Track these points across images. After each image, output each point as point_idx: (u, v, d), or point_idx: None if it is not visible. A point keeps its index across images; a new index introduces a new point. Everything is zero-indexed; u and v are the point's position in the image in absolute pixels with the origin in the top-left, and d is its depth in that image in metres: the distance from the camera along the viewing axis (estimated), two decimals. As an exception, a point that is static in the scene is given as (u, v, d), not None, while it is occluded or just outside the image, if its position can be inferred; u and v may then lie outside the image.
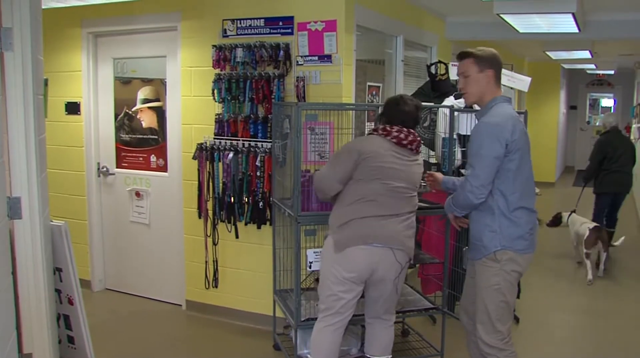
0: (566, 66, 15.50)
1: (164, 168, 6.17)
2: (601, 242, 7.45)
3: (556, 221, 8.23)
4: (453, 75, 5.82)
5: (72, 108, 6.47)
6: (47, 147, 3.72)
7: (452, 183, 3.93)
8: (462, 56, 3.78)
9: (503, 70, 5.70)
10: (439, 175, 4.17)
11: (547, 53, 11.04)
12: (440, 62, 6.30)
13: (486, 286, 3.70)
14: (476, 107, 3.91)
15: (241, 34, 5.41)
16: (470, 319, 3.94)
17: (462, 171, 5.43)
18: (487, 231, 3.67)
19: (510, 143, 3.54)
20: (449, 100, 5.59)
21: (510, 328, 3.77)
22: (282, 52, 5.16)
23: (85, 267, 6.54)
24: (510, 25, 7.07)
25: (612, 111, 18.46)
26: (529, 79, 6.60)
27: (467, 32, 7.94)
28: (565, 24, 6.68)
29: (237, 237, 5.58)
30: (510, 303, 3.75)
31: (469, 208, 3.73)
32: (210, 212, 5.64)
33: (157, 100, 6.15)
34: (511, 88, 6.34)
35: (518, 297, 5.72)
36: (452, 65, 5.85)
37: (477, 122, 3.77)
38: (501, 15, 6.38)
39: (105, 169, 6.50)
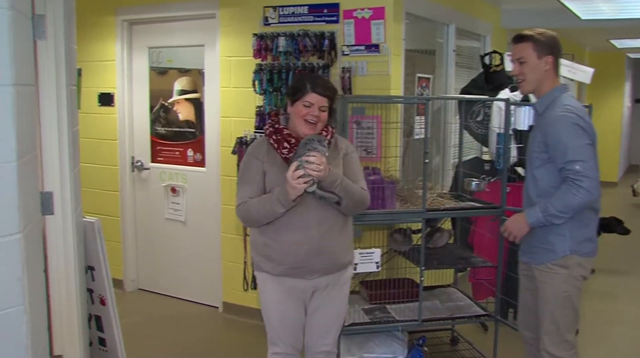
0: (632, 55, 15.22)
1: (201, 163, 6.20)
2: None
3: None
4: (509, 66, 5.74)
5: (106, 99, 6.55)
6: (80, 140, 3.75)
7: (544, 208, 3.54)
8: (518, 39, 3.67)
9: (563, 61, 5.67)
10: (517, 218, 3.74)
11: (611, 41, 10.85)
12: (495, 52, 6.23)
13: (554, 294, 3.61)
14: (532, 98, 3.83)
15: (283, 22, 5.40)
16: (533, 333, 3.85)
17: (518, 169, 5.37)
18: (555, 234, 3.57)
19: (591, 134, 3.48)
20: (505, 93, 5.53)
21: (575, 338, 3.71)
22: (326, 42, 5.15)
23: (117, 266, 6.61)
24: (571, 11, 6.97)
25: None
26: (591, 70, 6.49)
27: (524, 19, 7.82)
28: (634, 8, 6.55)
29: (277, 236, 5.58)
30: (578, 310, 3.68)
31: (581, 209, 3.53)
32: (249, 210, 5.64)
33: (195, 91, 6.18)
34: (571, 80, 6.24)
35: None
36: (508, 55, 5.76)
37: (539, 113, 3.67)
38: (561, 1, 6.29)
39: (139, 163, 6.57)
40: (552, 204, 3.49)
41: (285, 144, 3.46)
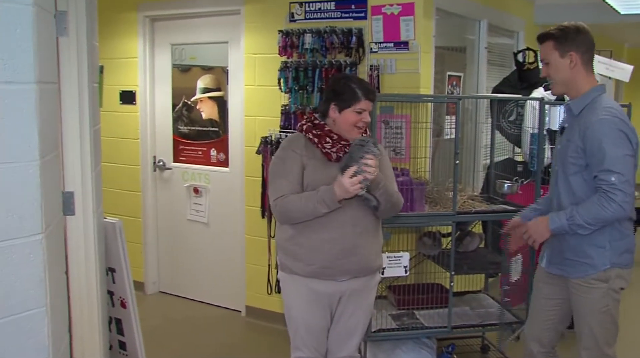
0: (673, 53, 15.06)
1: (224, 163, 6.23)
2: None
3: None
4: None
5: (128, 97, 6.60)
6: (102, 139, 3.78)
7: (570, 216, 3.40)
8: (541, 39, 3.56)
9: (600, 58, 5.62)
10: (540, 222, 3.58)
11: (652, 38, 10.75)
12: (528, 49, 6.21)
13: (593, 309, 3.50)
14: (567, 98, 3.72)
15: (310, 19, 5.42)
16: (544, 347, 3.78)
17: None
18: (593, 246, 3.45)
19: (635, 143, 3.34)
20: (539, 92, 5.50)
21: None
22: (354, 38, 5.15)
23: (138, 268, 6.64)
24: (610, 5, 6.90)
25: None
26: (630, 68, 6.43)
27: (559, 15, 7.71)
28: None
29: (302, 239, 5.59)
30: (617, 323, 3.58)
31: (609, 223, 3.41)
32: (273, 211, 5.67)
33: (218, 89, 6.21)
34: (609, 78, 6.19)
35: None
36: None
37: (574, 114, 3.51)
38: (600, -6, 6.24)
39: (161, 163, 6.61)
40: (580, 214, 3.36)
41: (328, 139, 3.50)
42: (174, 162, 6.57)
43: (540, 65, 3.66)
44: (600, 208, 3.29)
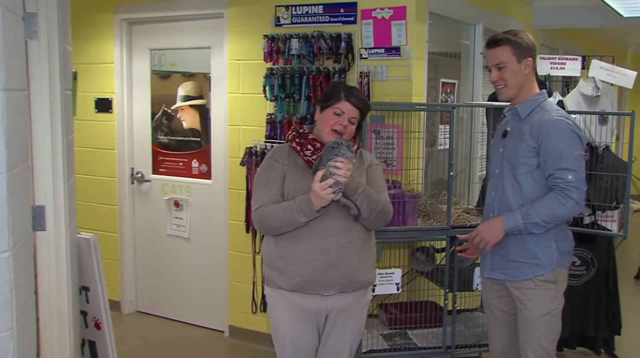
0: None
1: (207, 175, 6.22)
2: None
3: None
4: (543, 70, 5.72)
5: (104, 105, 6.56)
6: (75, 149, 3.76)
7: (526, 214, 3.52)
8: (494, 43, 3.69)
9: (602, 64, 5.67)
10: (493, 223, 3.68)
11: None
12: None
13: (542, 314, 3.60)
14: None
15: (297, 23, 5.42)
16: None
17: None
18: (540, 246, 3.59)
19: (584, 144, 3.58)
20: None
21: None
22: (343, 44, 5.15)
23: (114, 286, 6.60)
24: (612, 8, 6.92)
25: None
26: (634, 74, 6.44)
27: (558, 18, 7.82)
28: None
29: (288, 255, 5.57)
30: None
31: (564, 221, 3.65)
32: (258, 226, 5.65)
33: (200, 97, 6.21)
34: (611, 84, 6.20)
35: (619, 333, 5.61)
36: (541, 59, 5.75)
37: (521, 118, 3.68)
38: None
39: (140, 174, 6.59)
40: (536, 212, 3.50)
41: (309, 147, 3.53)
42: (153, 173, 6.54)
43: (547, 73, 3.81)
44: (558, 205, 3.47)
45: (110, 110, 6.53)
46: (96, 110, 6.60)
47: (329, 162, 3.26)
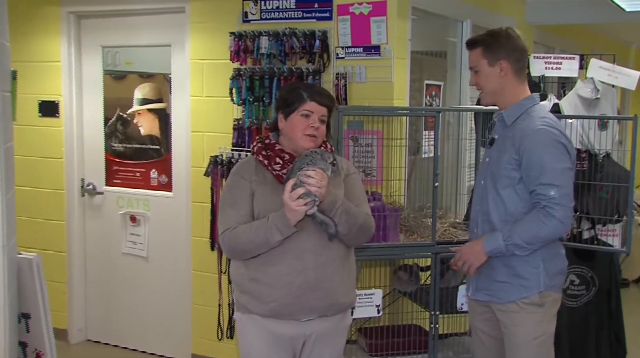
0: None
1: (167, 186, 6.24)
2: None
3: None
4: (537, 70, 5.80)
5: (49, 109, 6.51)
6: (16, 158, 3.68)
7: (508, 236, 3.58)
8: (469, 45, 3.79)
9: (601, 63, 5.70)
10: (474, 245, 3.78)
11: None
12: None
13: (528, 340, 3.64)
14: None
15: (266, 19, 5.46)
16: None
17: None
18: (526, 266, 3.62)
19: (573, 155, 3.59)
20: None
21: None
22: (317, 42, 5.20)
23: (61, 312, 6.54)
24: (613, 2, 6.93)
25: None
26: (637, 74, 6.51)
27: (554, 14, 7.84)
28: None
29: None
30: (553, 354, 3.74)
31: (550, 241, 3.63)
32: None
33: (160, 100, 6.24)
34: (612, 86, 6.31)
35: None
36: (535, 58, 5.84)
37: (507, 125, 3.73)
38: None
39: (91, 186, 6.57)
40: (518, 233, 3.54)
41: (278, 160, 3.54)
42: (107, 185, 6.53)
43: (541, 74, 3.83)
44: (540, 225, 3.50)
45: (57, 114, 6.47)
46: (40, 114, 6.54)
47: (299, 171, 3.30)
